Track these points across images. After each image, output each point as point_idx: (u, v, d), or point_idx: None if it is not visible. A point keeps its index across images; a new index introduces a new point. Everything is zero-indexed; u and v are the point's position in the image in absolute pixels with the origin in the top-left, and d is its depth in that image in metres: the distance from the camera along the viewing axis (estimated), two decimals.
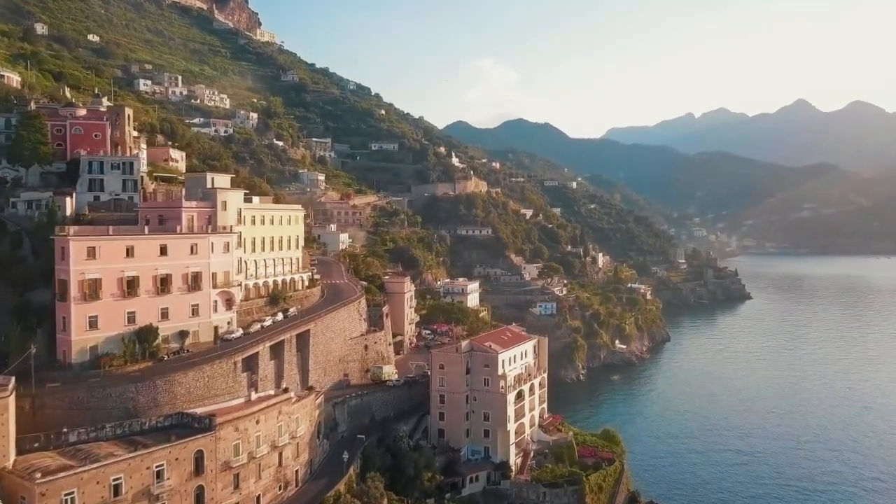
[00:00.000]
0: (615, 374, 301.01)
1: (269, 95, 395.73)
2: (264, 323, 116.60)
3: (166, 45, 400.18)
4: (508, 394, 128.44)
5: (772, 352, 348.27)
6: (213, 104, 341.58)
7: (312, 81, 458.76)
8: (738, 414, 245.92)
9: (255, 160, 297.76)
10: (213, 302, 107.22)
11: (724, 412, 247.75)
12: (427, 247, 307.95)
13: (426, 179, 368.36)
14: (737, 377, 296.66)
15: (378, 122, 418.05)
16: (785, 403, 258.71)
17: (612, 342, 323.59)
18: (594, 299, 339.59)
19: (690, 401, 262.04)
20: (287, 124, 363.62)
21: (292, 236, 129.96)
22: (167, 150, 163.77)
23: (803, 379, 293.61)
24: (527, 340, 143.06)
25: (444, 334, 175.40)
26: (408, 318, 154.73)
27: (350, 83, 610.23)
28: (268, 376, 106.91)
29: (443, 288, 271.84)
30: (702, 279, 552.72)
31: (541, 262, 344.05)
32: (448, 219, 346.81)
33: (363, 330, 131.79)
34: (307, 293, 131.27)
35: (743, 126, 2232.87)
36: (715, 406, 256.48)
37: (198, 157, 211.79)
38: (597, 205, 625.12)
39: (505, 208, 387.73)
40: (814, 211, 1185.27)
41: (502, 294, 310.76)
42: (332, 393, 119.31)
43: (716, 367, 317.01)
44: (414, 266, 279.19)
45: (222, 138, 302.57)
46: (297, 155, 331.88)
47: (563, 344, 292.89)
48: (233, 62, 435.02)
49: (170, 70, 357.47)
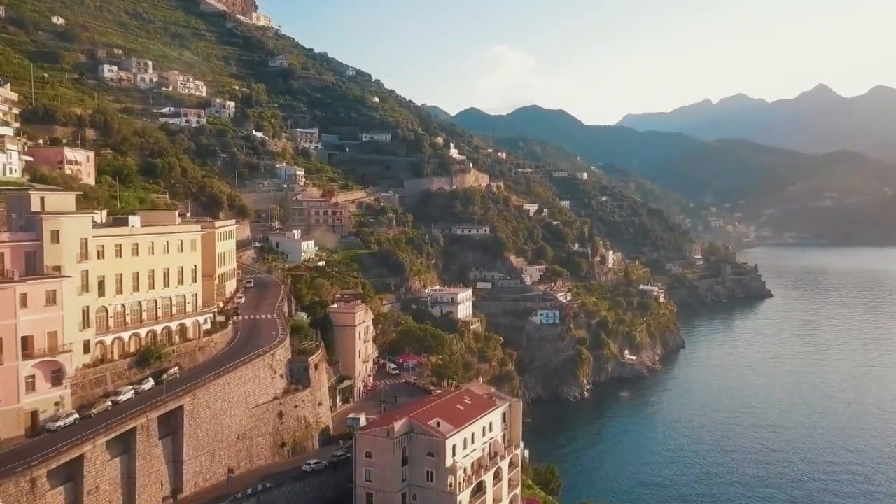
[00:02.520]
0: (624, 390, 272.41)
1: (253, 82, 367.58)
2: (121, 397, 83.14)
3: (143, 29, 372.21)
4: (461, 492, 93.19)
5: (797, 361, 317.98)
6: (186, 92, 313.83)
7: (303, 67, 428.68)
8: (762, 442, 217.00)
9: (228, 153, 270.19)
10: (24, 378, 74.96)
11: (746, 439, 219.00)
12: (417, 249, 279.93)
13: (420, 173, 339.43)
14: (758, 393, 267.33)
15: (370, 111, 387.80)
16: (814, 426, 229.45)
17: (621, 352, 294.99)
18: (602, 304, 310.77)
19: (708, 424, 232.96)
20: (269, 113, 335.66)
21: (185, 267, 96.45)
22: (60, 150, 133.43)
23: (833, 396, 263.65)
24: (492, 409, 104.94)
25: (413, 369, 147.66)
26: (360, 355, 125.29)
27: (349, 69, 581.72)
28: (102, 487, 73.10)
29: (431, 297, 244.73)
30: (719, 276, 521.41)
31: (544, 263, 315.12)
32: (442, 217, 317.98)
33: (278, 391, 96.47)
34: (205, 342, 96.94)
35: (761, 112, 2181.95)
36: (735, 430, 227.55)
37: (140, 153, 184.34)
38: (608, 197, 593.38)
39: (506, 204, 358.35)
40: (835, 200, 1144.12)
41: (499, 301, 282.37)
42: (215, 494, 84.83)
43: (735, 379, 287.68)
44: (399, 272, 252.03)
45: (192, 130, 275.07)
46: (277, 147, 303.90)
47: (565, 357, 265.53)
48: (218, 47, 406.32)
49: (143, 55, 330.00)
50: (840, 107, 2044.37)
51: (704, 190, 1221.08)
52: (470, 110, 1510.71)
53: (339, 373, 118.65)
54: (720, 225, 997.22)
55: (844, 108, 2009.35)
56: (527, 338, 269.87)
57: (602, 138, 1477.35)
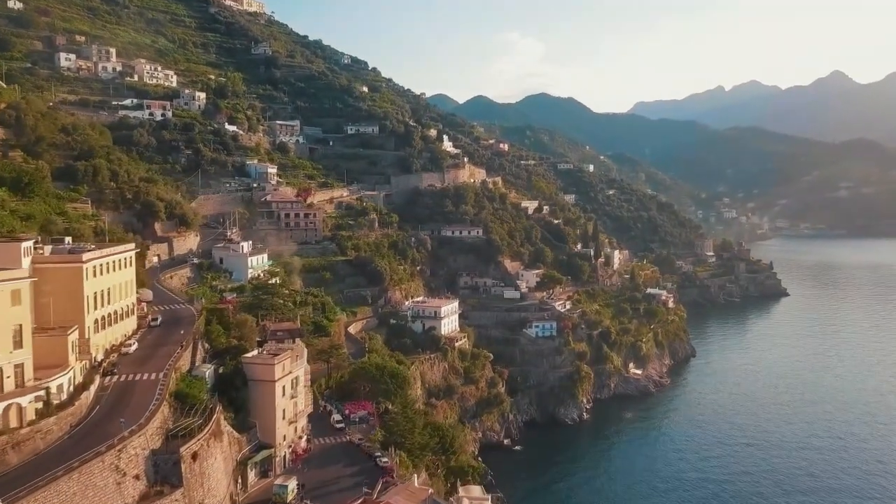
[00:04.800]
0: (627, 411, 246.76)
1: (231, 71, 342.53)
2: None
3: (115, 15, 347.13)
4: None
5: (819, 372, 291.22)
6: (154, 82, 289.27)
7: (288, 55, 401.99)
8: (782, 472, 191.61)
9: (192, 150, 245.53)
10: None
11: (763, 468, 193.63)
12: (401, 254, 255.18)
13: (409, 169, 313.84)
14: (777, 411, 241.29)
15: (357, 102, 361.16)
16: (846, 456, 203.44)
17: (626, 366, 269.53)
18: (605, 313, 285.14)
19: (723, 454, 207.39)
20: (246, 105, 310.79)
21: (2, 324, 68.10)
22: None
23: (863, 416, 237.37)
24: None
25: (364, 420, 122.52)
26: (284, 415, 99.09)
27: (344, 56, 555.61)
28: None
29: (411, 310, 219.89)
30: (732, 274, 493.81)
31: (542, 267, 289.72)
32: (431, 217, 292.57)
33: (135, 496, 65.87)
34: (24, 435, 65.49)
35: (775, 99, 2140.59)
36: (751, 458, 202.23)
37: (63, 155, 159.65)
38: (616, 190, 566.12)
39: (503, 202, 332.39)
40: (852, 190, 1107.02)
41: (491, 311, 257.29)
42: None
43: (752, 395, 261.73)
44: (378, 282, 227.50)
45: (155, 124, 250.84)
46: (251, 142, 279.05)
47: (562, 375, 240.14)
48: (197, 33, 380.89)
49: (111, 43, 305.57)
50: (856, 93, 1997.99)
51: (717, 179, 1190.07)
52: (478, 98, 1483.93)
53: (256, 440, 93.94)
54: (733, 216, 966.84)
55: (861, 95, 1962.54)
56: (520, 353, 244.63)
57: (613, 127, 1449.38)
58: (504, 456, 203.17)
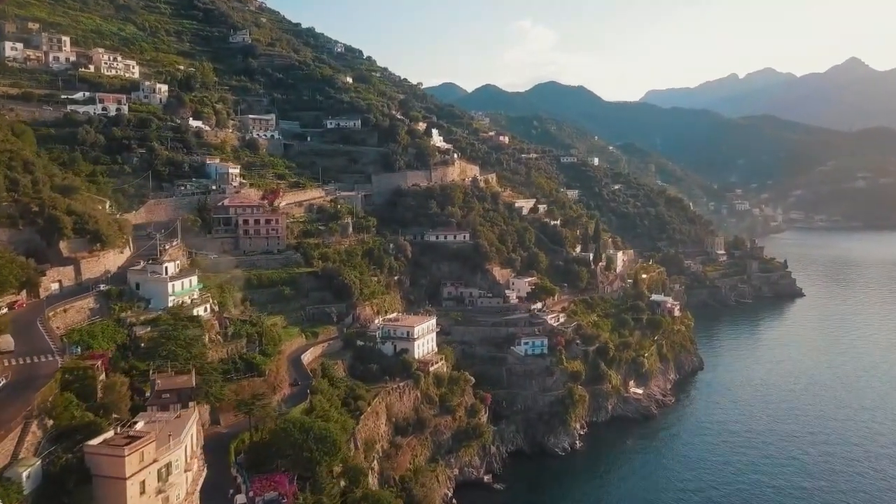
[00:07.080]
0: (626, 437, 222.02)
1: (204, 60, 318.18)
2: None
3: (81, 1, 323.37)
4: None
5: (840, 388, 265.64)
6: (112, 73, 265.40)
7: (269, 44, 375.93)
8: None
9: (146, 148, 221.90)
10: None
11: None
12: (376, 263, 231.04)
13: (392, 167, 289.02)
14: (799, 438, 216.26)
15: (339, 93, 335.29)
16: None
17: (625, 384, 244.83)
18: (603, 324, 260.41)
19: (730, 491, 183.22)
20: (216, 97, 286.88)
21: None
22: None
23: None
24: None
25: (274, 502, 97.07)
26: None
27: (338, 45, 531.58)
28: None
29: (380, 330, 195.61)
30: (745, 274, 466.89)
31: (535, 274, 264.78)
32: (414, 219, 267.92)
33: None
34: None
35: (790, 87, 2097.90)
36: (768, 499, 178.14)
37: None
38: (622, 185, 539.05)
39: (495, 201, 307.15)
40: (869, 181, 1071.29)
41: (477, 325, 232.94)
42: None
43: (765, 415, 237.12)
44: (345, 297, 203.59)
45: (106, 120, 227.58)
46: (217, 139, 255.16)
47: (553, 399, 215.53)
48: (172, 20, 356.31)
49: (69, 31, 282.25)
50: (873, 81, 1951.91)
51: (729, 170, 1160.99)
52: (487, 87, 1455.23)
53: None
54: (746, 208, 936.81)
55: (878, 83, 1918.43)
56: (507, 373, 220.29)
57: (623, 116, 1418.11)
58: (483, 496, 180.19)
